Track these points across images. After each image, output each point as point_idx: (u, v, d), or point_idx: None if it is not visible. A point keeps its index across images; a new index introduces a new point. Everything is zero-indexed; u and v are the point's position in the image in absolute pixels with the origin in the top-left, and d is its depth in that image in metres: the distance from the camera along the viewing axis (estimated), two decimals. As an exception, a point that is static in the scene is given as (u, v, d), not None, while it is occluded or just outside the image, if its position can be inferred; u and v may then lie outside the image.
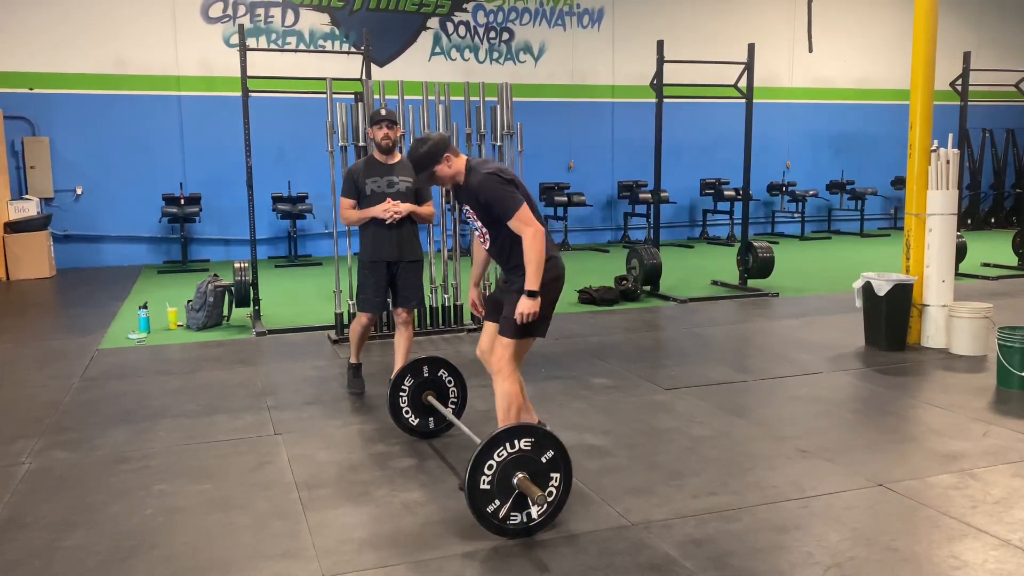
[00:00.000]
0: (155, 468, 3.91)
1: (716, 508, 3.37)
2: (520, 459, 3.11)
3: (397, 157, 4.88)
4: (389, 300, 5.04)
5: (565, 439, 4.16)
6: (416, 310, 5.16)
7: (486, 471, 3.07)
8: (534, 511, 3.15)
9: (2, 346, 6.60)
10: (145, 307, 6.99)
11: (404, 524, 3.28)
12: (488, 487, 3.08)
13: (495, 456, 3.08)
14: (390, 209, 4.70)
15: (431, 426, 4.26)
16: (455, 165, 3.47)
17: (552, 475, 3.18)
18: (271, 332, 6.85)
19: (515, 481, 3.09)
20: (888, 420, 4.55)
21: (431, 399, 4.18)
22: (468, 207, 3.56)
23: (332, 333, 6.66)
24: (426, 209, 4.88)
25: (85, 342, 6.62)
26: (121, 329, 7.08)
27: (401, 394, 4.19)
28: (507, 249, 3.49)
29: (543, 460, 3.16)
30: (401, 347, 4.93)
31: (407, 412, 4.21)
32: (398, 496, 3.55)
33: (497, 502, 3.10)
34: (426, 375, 4.21)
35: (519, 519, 3.14)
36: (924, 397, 4.99)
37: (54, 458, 4.06)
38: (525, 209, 3.37)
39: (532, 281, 3.35)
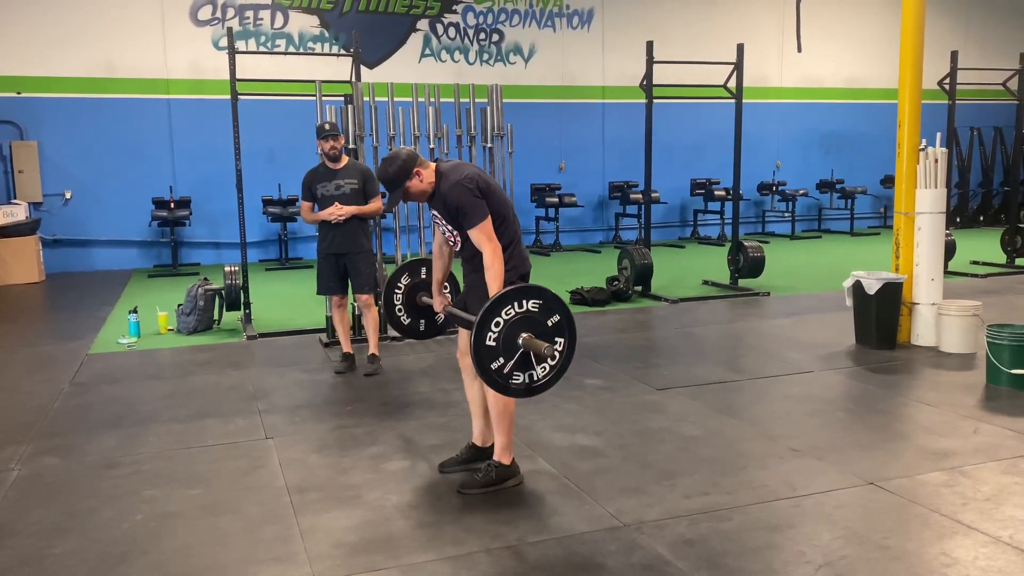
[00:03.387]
0: (146, 473, 3.89)
1: (708, 508, 3.37)
2: (527, 319, 3.13)
3: (344, 162, 5.63)
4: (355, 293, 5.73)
5: (556, 440, 4.18)
6: (375, 294, 5.80)
7: (492, 328, 3.08)
8: (538, 371, 3.16)
9: (-9, 352, 6.57)
10: (135, 311, 6.96)
11: (396, 527, 3.27)
12: (494, 344, 3.09)
13: (503, 314, 3.10)
14: (334, 213, 5.49)
15: (421, 327, 4.21)
16: (426, 178, 3.47)
17: (557, 339, 3.20)
18: (262, 335, 6.83)
19: (520, 340, 3.11)
20: (879, 418, 4.57)
21: (425, 299, 4.10)
22: (435, 211, 3.57)
23: (323, 336, 6.64)
24: (371, 207, 5.63)
25: (75, 347, 6.59)
26: (111, 334, 7.05)
27: (396, 291, 4.13)
28: (478, 253, 3.48)
29: (549, 323, 3.18)
30: (369, 325, 5.77)
31: (400, 311, 4.15)
32: (390, 499, 3.54)
33: (502, 359, 3.12)
34: (423, 276, 4.14)
35: (522, 379, 3.16)
36: (914, 395, 5.02)
37: (44, 464, 4.04)
38: (487, 224, 3.38)
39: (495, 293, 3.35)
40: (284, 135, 11.59)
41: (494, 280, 3.34)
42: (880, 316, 6.02)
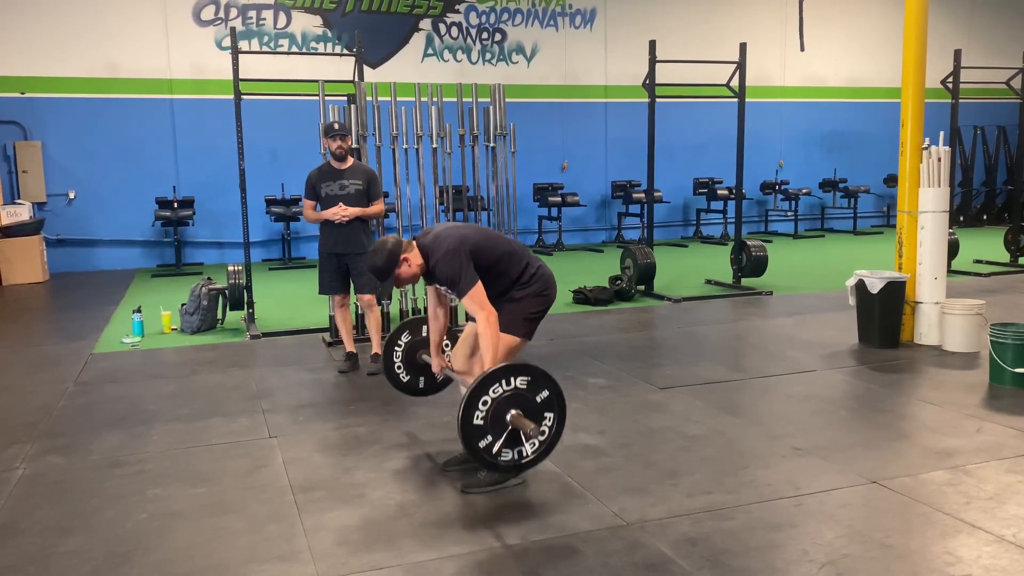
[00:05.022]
0: (150, 472, 3.90)
1: (711, 507, 3.38)
2: (515, 397, 3.15)
3: (349, 162, 5.64)
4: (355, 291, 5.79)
5: (561, 440, 4.17)
6: (377, 294, 5.87)
7: (480, 406, 3.10)
8: (527, 448, 3.17)
9: (-5, 351, 6.59)
10: (139, 311, 6.98)
11: (400, 526, 3.28)
12: (481, 422, 3.11)
13: (490, 392, 3.11)
14: (339, 213, 5.49)
15: (421, 385, 4.25)
16: (413, 261, 3.56)
17: (546, 415, 3.22)
18: (265, 335, 6.84)
19: (508, 417, 3.12)
20: (882, 417, 4.56)
21: (424, 357, 4.14)
22: (438, 285, 3.67)
23: (326, 336, 6.65)
24: (374, 209, 5.65)
25: (79, 347, 6.60)
26: (115, 333, 7.07)
27: (396, 349, 4.18)
28: (491, 290, 3.57)
29: (538, 399, 3.20)
30: (371, 325, 5.78)
31: (399, 368, 4.20)
32: (394, 498, 3.55)
33: (490, 437, 3.13)
34: (424, 334, 4.17)
35: (511, 456, 3.18)
36: (917, 394, 5.01)
37: (48, 463, 4.05)
38: (478, 290, 3.46)
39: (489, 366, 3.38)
40: (287, 135, 11.61)
41: (488, 349, 3.41)
42: (883, 315, 6.01)
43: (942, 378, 5.29)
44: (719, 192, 13.49)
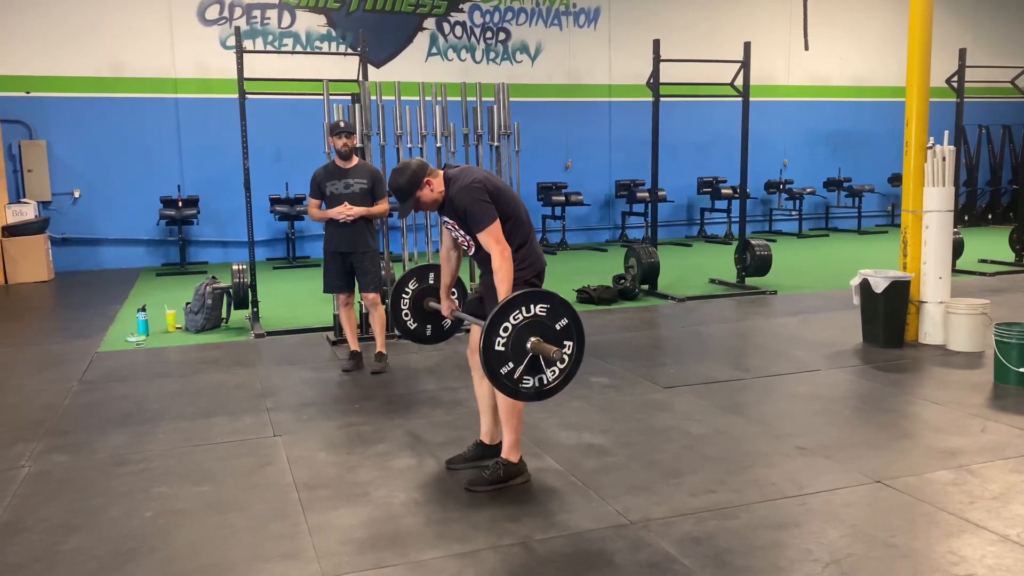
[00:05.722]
0: (155, 471, 3.92)
1: (715, 506, 3.38)
2: (535, 324, 3.16)
3: (354, 161, 5.66)
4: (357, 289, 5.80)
5: (563, 438, 4.18)
6: (382, 292, 5.83)
7: (501, 333, 3.11)
8: (548, 375, 3.18)
9: (1, 350, 6.60)
10: (144, 310, 6.99)
11: (404, 524, 3.28)
12: (503, 349, 3.12)
13: (511, 319, 3.12)
14: (343, 212, 5.50)
15: (428, 332, 4.23)
16: (436, 187, 3.51)
17: (566, 343, 3.22)
18: (269, 334, 6.85)
19: (529, 345, 3.13)
20: (886, 417, 4.56)
21: (432, 304, 4.12)
22: (447, 218, 3.60)
23: (331, 334, 6.66)
24: (379, 208, 5.66)
25: (84, 345, 6.62)
26: (120, 332, 7.08)
27: (404, 296, 4.14)
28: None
29: (557, 327, 3.21)
30: (376, 324, 5.77)
31: (407, 315, 4.17)
32: (398, 496, 3.56)
33: (511, 364, 3.14)
34: (431, 282, 4.15)
35: (531, 383, 3.19)
36: (921, 393, 5.01)
37: (54, 461, 4.06)
38: (496, 227, 3.41)
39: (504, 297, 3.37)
40: (291, 134, 11.62)
41: (502, 283, 3.36)
42: (887, 314, 6.01)
43: (946, 378, 5.28)
44: (723, 191, 13.47)
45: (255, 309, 7.22)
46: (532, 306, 3.15)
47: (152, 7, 11.36)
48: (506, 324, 3.11)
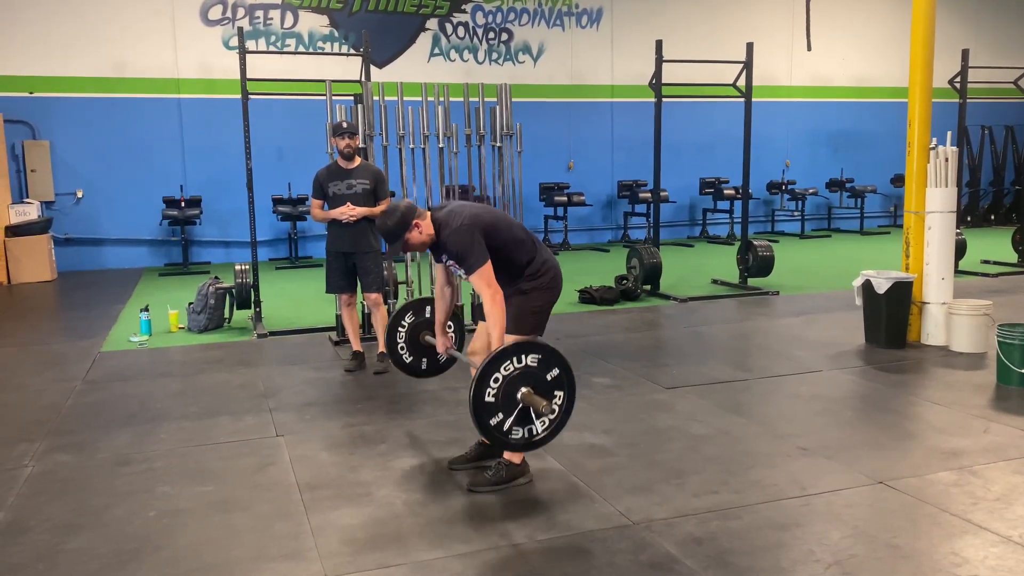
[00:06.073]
0: (158, 470, 3.92)
1: (717, 506, 3.38)
2: (526, 374, 3.16)
3: (357, 162, 5.65)
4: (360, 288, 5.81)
5: (566, 438, 4.18)
6: (384, 292, 5.88)
7: (491, 383, 3.11)
8: (537, 426, 3.18)
9: (4, 349, 6.61)
10: (146, 310, 7.00)
11: (406, 525, 3.29)
12: (493, 399, 3.12)
13: (502, 369, 3.13)
14: (346, 213, 5.52)
15: (423, 367, 4.26)
16: (425, 229, 3.55)
17: (556, 393, 3.23)
18: (272, 334, 6.86)
19: (519, 395, 3.13)
20: (888, 417, 4.56)
21: (428, 338, 4.14)
22: (446, 258, 3.64)
23: (333, 335, 6.67)
24: (381, 209, 5.42)
25: (87, 345, 6.63)
26: (123, 332, 7.10)
27: (400, 330, 4.18)
28: (501, 277, 3.54)
29: (548, 378, 3.21)
30: (378, 324, 5.78)
31: (403, 349, 4.20)
32: (400, 497, 3.56)
33: (501, 415, 3.15)
34: (427, 315, 4.18)
35: (521, 434, 3.19)
36: (924, 394, 5.00)
37: (57, 461, 4.07)
38: (487, 269, 3.44)
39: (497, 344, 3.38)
40: (294, 134, 11.63)
41: (495, 327, 3.41)
42: (890, 315, 6.00)
43: (949, 379, 5.28)
44: (725, 192, 13.46)
45: (258, 309, 7.23)
46: (524, 356, 3.16)
47: (155, 8, 11.38)
48: (496, 375, 3.11)
